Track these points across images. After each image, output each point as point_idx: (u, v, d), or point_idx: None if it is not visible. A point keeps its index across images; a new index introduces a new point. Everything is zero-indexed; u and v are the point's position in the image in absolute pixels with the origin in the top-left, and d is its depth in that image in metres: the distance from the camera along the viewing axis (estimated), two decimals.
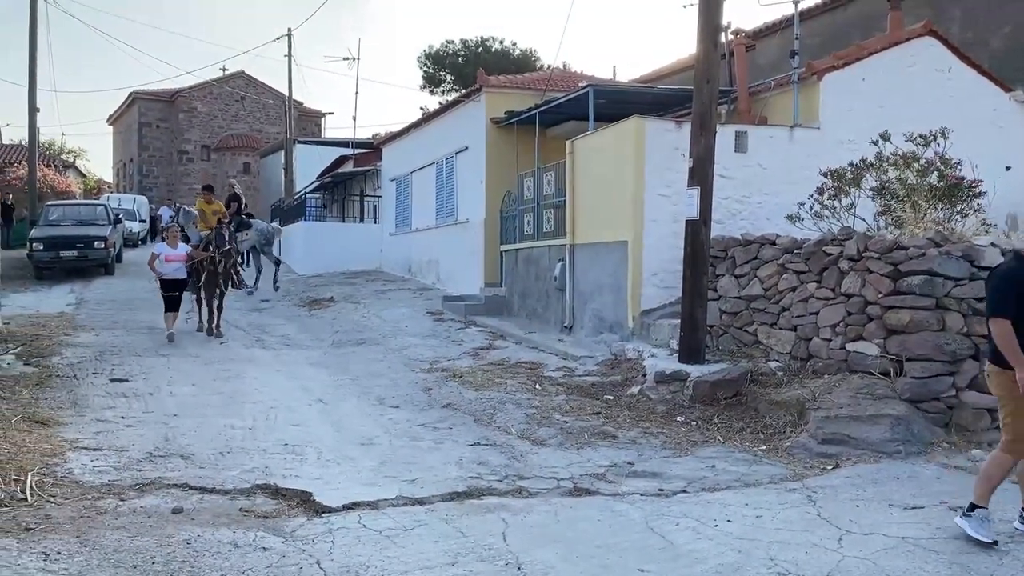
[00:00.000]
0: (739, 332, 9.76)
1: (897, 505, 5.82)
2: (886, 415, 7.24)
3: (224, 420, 8.04)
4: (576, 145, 12.65)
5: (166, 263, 12.34)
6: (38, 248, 19.76)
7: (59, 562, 4.48)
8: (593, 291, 12.13)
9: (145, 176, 49.73)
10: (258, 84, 49.05)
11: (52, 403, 8.40)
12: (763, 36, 17.54)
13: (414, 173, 20.31)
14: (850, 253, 8.20)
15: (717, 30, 9.38)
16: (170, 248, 12.59)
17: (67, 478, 5.99)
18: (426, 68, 45.40)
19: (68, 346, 11.71)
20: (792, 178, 11.02)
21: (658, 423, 8.16)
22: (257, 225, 18.44)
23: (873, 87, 11.99)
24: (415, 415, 8.55)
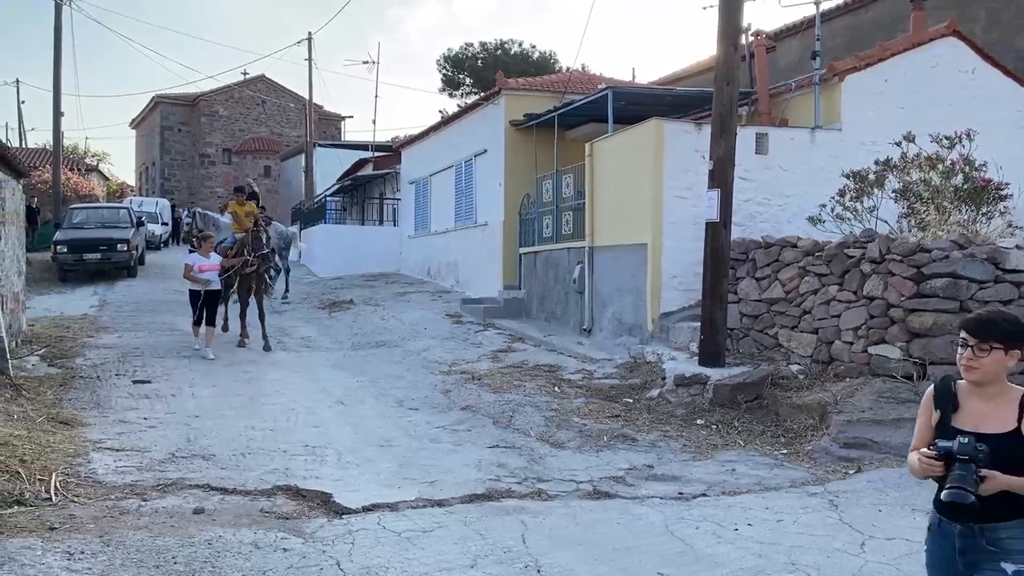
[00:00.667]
0: (760, 335, 9.70)
1: (920, 510, 5.74)
2: (909, 419, 7.11)
3: (245, 421, 8.09)
4: (595, 147, 12.63)
5: (200, 273, 11.71)
6: (62, 251, 19.97)
7: (82, 561, 4.52)
8: (612, 294, 12.10)
9: (167, 179, 50.11)
10: (279, 88, 49.31)
11: (76, 404, 8.48)
12: (784, 37, 17.41)
13: (433, 176, 20.36)
14: (872, 255, 8.14)
15: (737, 31, 9.34)
16: (203, 258, 11.90)
17: (90, 478, 6.04)
18: (445, 71, 45.52)
19: (91, 348, 11.82)
20: (813, 180, 10.94)
21: (678, 426, 8.13)
22: (276, 228, 17.91)
23: (896, 88, 11.88)
24: (434, 417, 8.56)
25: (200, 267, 11.75)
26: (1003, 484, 2.63)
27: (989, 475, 2.62)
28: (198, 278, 11.62)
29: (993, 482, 2.62)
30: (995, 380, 2.78)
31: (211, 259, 11.95)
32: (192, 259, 12.01)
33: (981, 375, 2.76)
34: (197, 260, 11.88)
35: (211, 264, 11.87)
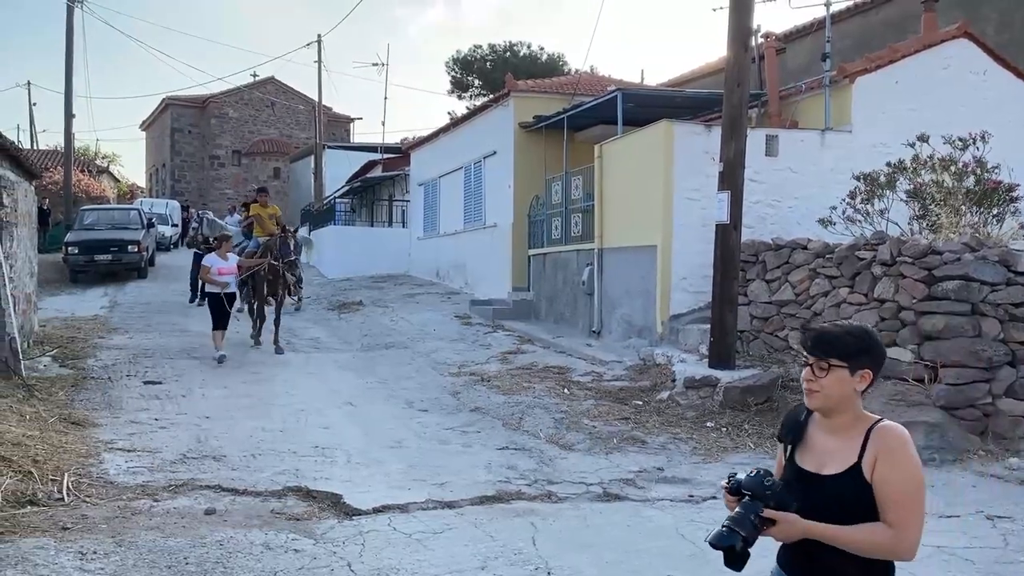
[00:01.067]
0: (770, 337, 9.68)
1: (932, 514, 5.71)
2: (920, 422, 7.13)
3: (255, 422, 8.12)
4: (605, 149, 12.63)
5: (219, 276, 11.41)
6: (73, 252, 20.05)
7: (95, 561, 4.54)
8: (621, 295, 12.09)
9: (177, 181, 50.29)
10: (288, 90, 49.45)
11: (87, 404, 8.53)
12: (794, 39, 17.40)
13: (442, 178, 20.39)
14: (883, 258, 8.11)
15: (748, 33, 9.33)
16: (220, 260, 11.59)
17: (102, 478, 6.08)
18: (454, 73, 45.56)
19: (102, 348, 11.88)
20: (823, 182, 10.92)
21: (688, 429, 8.11)
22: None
23: (906, 90, 11.84)
24: (443, 419, 8.57)
25: (219, 269, 11.45)
26: (803, 531, 2.20)
27: (777, 517, 2.18)
28: (216, 280, 11.36)
29: (787, 527, 2.19)
30: (842, 408, 2.27)
31: (229, 261, 11.67)
32: (210, 260, 11.70)
33: (822, 400, 2.28)
34: (215, 262, 11.55)
35: (229, 267, 11.59)
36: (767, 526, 2.20)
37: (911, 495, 2.14)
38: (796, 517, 2.20)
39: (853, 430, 2.27)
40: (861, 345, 2.26)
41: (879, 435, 2.22)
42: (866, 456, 2.20)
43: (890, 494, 2.15)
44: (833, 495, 2.21)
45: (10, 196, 10.28)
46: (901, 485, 2.14)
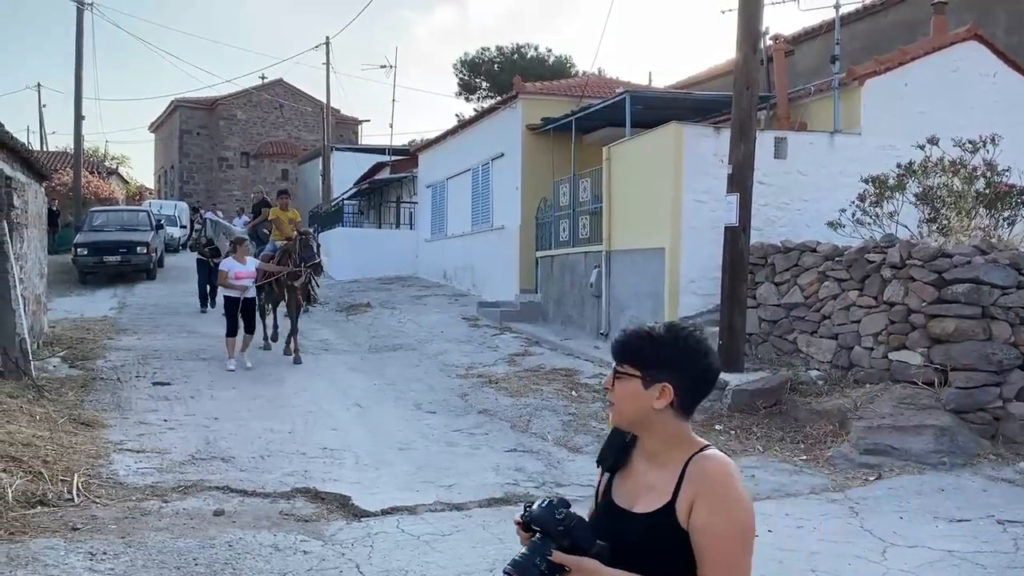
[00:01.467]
0: (779, 340, 9.65)
1: (942, 518, 5.71)
2: (930, 426, 7.11)
3: (263, 424, 8.13)
4: (613, 151, 12.62)
5: (236, 280, 11.06)
6: (82, 253, 20.10)
7: (105, 562, 4.56)
8: (629, 298, 12.08)
9: (186, 182, 50.45)
10: (296, 92, 49.56)
11: (97, 405, 8.55)
12: (803, 41, 17.34)
13: (450, 180, 20.40)
14: (893, 261, 8.08)
15: (757, 35, 9.31)
16: (238, 264, 11.21)
17: (112, 479, 6.10)
18: (462, 75, 45.61)
19: (111, 349, 11.91)
20: (832, 184, 10.90)
21: (696, 432, 8.06)
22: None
23: (916, 92, 11.81)
24: (451, 420, 8.57)
25: (236, 274, 11.08)
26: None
27: (569, 563, 1.74)
28: (234, 284, 11.02)
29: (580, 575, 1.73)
30: (644, 428, 1.83)
31: (247, 265, 11.30)
32: (228, 264, 11.33)
33: (617, 416, 1.86)
34: (233, 266, 11.19)
35: (247, 271, 11.22)
36: (560, 573, 1.75)
37: (731, 550, 1.67)
38: (596, 565, 1.75)
39: (670, 460, 1.81)
40: (661, 353, 1.80)
41: (697, 468, 1.77)
42: (681, 495, 1.75)
43: (705, 545, 1.69)
44: (644, 538, 1.77)
45: (20, 197, 10.33)
46: (720, 535, 1.67)
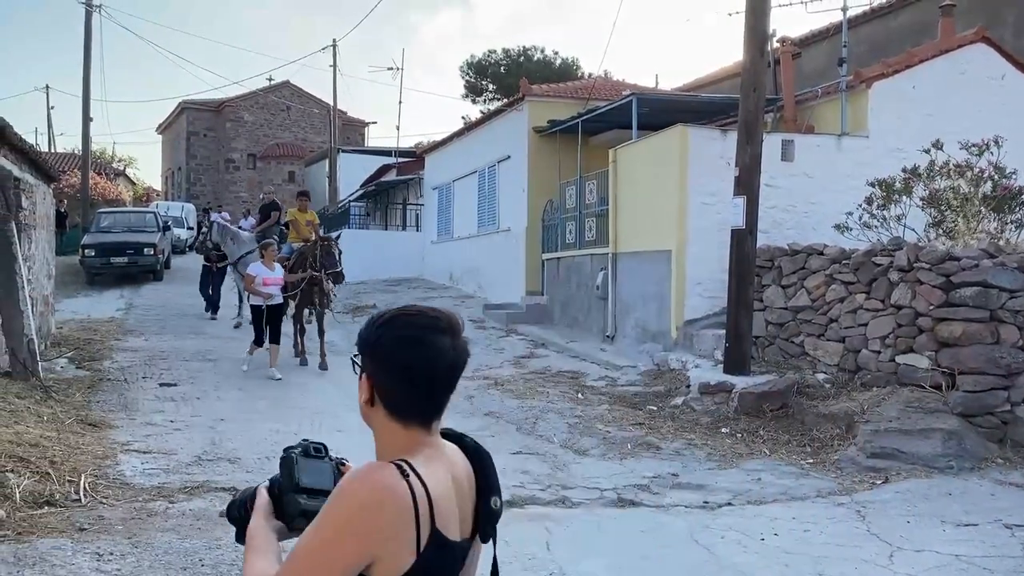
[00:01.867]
0: (785, 343, 9.63)
1: (950, 522, 5.69)
2: (937, 429, 7.09)
3: (270, 425, 8.13)
4: (619, 154, 12.62)
5: (264, 287, 10.47)
6: (90, 254, 20.16)
7: (112, 562, 4.57)
8: (636, 300, 12.07)
9: (193, 184, 50.57)
10: (303, 94, 49.66)
11: (104, 406, 8.57)
12: (810, 44, 17.30)
13: (456, 182, 20.42)
14: (900, 264, 8.06)
15: (764, 37, 9.30)
16: (266, 269, 10.58)
17: (119, 480, 6.10)
18: (468, 77, 45.66)
19: (118, 350, 11.94)
20: (840, 187, 10.87)
21: (702, 434, 8.08)
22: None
23: (923, 95, 11.78)
24: (457, 422, 8.38)
25: (264, 280, 10.50)
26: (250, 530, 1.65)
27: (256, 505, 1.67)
28: (261, 291, 10.46)
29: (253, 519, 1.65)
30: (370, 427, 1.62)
31: (275, 271, 10.68)
32: (255, 270, 10.69)
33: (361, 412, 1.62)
34: (261, 271, 10.58)
35: (275, 277, 10.63)
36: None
37: (300, 554, 1.46)
38: (264, 513, 1.66)
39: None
40: (364, 338, 1.60)
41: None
42: None
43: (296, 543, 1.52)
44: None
45: (28, 199, 10.36)
46: (303, 537, 1.50)
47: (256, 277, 10.56)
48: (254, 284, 10.52)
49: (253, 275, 10.62)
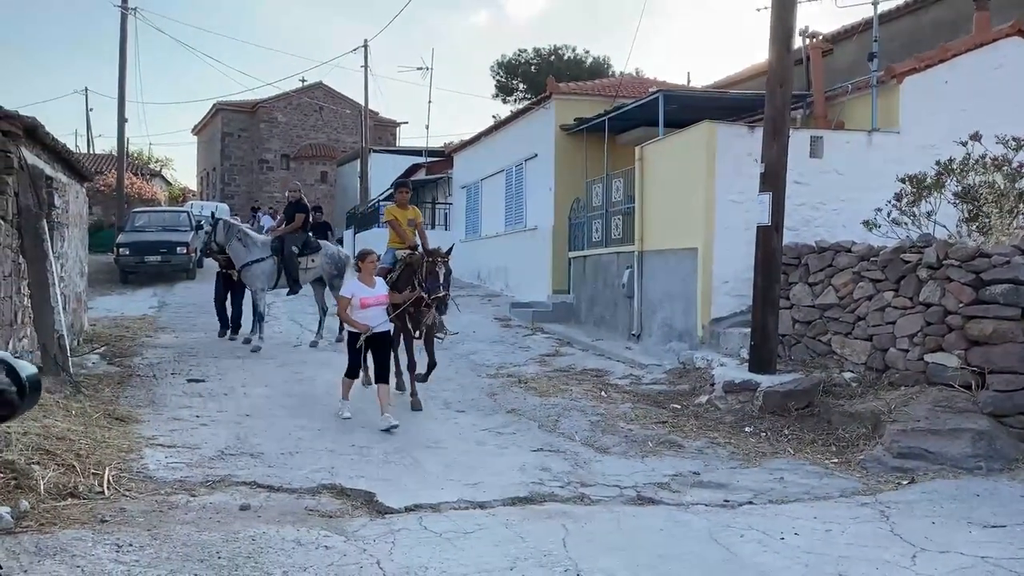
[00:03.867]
0: (812, 342, 9.50)
1: (976, 523, 5.57)
2: (966, 429, 6.95)
3: (295, 421, 8.19)
4: (645, 151, 12.54)
5: (362, 310, 8.13)
6: (124, 253, 20.53)
7: (130, 553, 4.62)
8: (662, 299, 11.98)
9: (227, 184, 51.21)
10: (336, 95, 50.07)
11: (132, 401, 8.69)
12: (842, 39, 17.05)
13: (484, 180, 20.44)
14: (929, 261, 7.91)
15: (790, 33, 9.18)
16: (364, 286, 8.20)
17: (142, 473, 6.18)
18: (499, 77, 45.74)
19: (149, 347, 12.11)
20: (870, 184, 10.69)
21: (726, 433, 8.00)
22: (327, 250, 13.08)
23: (957, 90, 11.56)
24: (480, 420, 8.57)
25: (363, 300, 8.12)
26: None
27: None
28: (357, 322, 8.08)
29: None
30: None
31: (376, 289, 8.29)
32: (352, 288, 8.29)
33: None
34: (357, 289, 8.19)
35: (376, 297, 8.21)
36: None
37: None
38: None
39: None
40: None
41: None
42: None
43: None
44: None
45: (61, 198, 10.55)
46: None
47: (352, 298, 8.11)
48: (348, 310, 8.14)
49: (347, 296, 8.19)
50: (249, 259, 12.14)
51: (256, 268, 12.17)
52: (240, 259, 12.19)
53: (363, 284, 8.22)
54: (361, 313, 8.08)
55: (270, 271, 12.28)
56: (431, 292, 8.46)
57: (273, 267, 12.28)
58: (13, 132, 8.32)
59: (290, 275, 12.39)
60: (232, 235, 12.22)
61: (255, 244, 12.29)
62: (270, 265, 12.26)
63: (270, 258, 12.26)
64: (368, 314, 8.10)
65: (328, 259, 12.87)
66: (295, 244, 12.43)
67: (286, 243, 12.31)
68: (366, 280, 8.23)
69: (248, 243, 12.24)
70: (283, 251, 12.26)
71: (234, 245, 12.19)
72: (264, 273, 12.24)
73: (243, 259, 12.16)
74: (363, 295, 8.12)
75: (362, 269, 8.26)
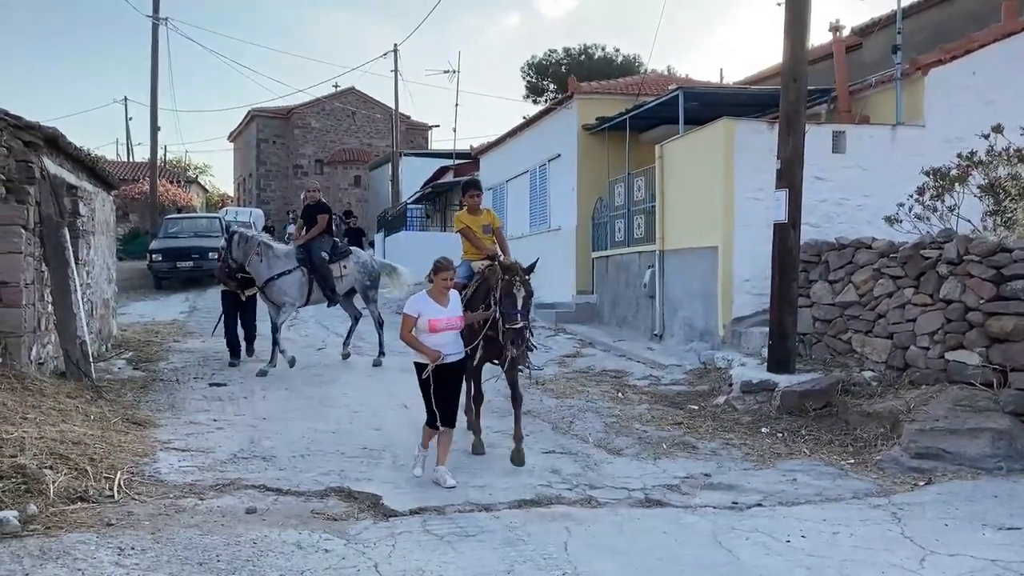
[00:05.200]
0: (833, 340, 9.35)
1: (991, 525, 5.43)
2: (987, 429, 6.78)
3: (309, 423, 8.25)
4: (665, 149, 12.44)
5: (431, 334, 6.41)
6: (157, 259, 20.91)
7: (131, 557, 4.68)
8: (683, 298, 11.88)
9: (263, 190, 51.83)
10: (368, 99, 50.43)
11: (152, 405, 8.82)
12: (870, 33, 16.76)
13: (509, 182, 20.44)
14: (949, 257, 7.74)
15: (804, 26, 9.03)
16: (436, 304, 6.48)
17: (153, 477, 6.26)
18: (529, 78, 45.70)
19: (175, 352, 12.29)
20: (894, 179, 10.49)
21: (742, 434, 7.90)
22: (359, 257, 11.96)
23: (983, 82, 11.31)
24: (493, 421, 8.53)
25: (432, 322, 6.38)
26: None
27: None
28: (425, 347, 6.36)
29: None
30: None
31: (449, 308, 6.51)
32: (418, 305, 6.45)
33: None
34: (426, 308, 6.42)
35: (449, 318, 6.47)
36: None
37: None
38: None
39: None
40: None
41: None
42: None
43: None
44: None
45: (87, 206, 10.75)
46: None
47: (417, 318, 6.39)
48: (412, 333, 6.42)
49: (412, 316, 6.41)
50: (272, 273, 10.75)
51: (283, 282, 10.79)
52: (261, 275, 10.76)
53: (433, 301, 6.47)
54: (430, 337, 6.39)
55: (300, 284, 10.96)
56: (507, 321, 6.64)
57: (303, 279, 10.97)
58: (34, 143, 8.50)
59: (325, 285, 11.12)
60: (250, 250, 10.75)
61: (277, 256, 10.90)
62: (298, 277, 10.93)
63: (297, 269, 10.93)
64: (439, 339, 6.40)
65: (360, 267, 11.77)
66: (323, 250, 11.17)
67: (313, 251, 11.02)
68: (437, 297, 6.50)
69: (268, 256, 10.82)
70: (311, 260, 11.01)
71: (253, 262, 10.71)
72: (293, 287, 10.90)
73: (265, 274, 10.74)
74: (433, 315, 6.41)
75: (434, 283, 6.55)
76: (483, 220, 8.01)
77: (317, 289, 11.14)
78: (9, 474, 5.49)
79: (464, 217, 8.01)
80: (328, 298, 11.31)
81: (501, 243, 7.93)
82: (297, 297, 11.00)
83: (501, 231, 8.17)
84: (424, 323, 6.39)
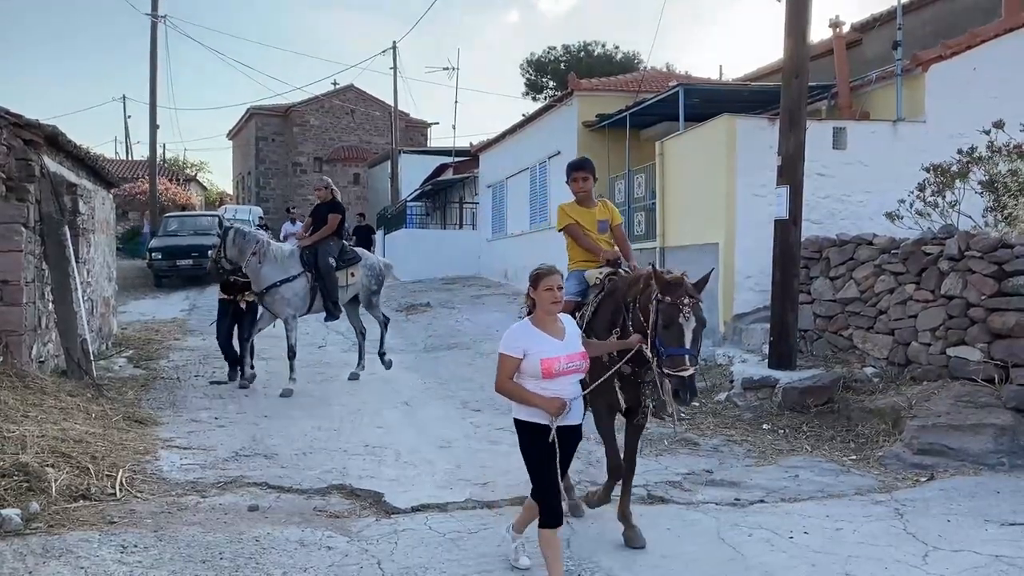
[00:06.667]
0: (834, 336, 9.34)
1: (994, 521, 5.43)
2: (989, 425, 6.77)
3: (311, 422, 8.24)
4: (666, 146, 12.43)
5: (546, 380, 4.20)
6: (156, 257, 20.91)
7: (134, 554, 4.68)
8: None
9: (262, 188, 51.78)
10: (367, 97, 50.37)
11: (153, 404, 8.82)
12: (871, 28, 16.73)
13: (509, 179, 20.43)
14: (951, 252, 7.73)
15: (805, 23, 9.01)
16: (547, 335, 4.30)
17: (155, 475, 6.26)
18: (528, 75, 45.67)
19: (176, 350, 12.29)
20: (896, 175, 10.48)
21: (743, 431, 7.89)
22: (367, 260, 10.70)
23: (986, 77, 11.28)
24: (496, 419, 8.53)
25: (546, 364, 4.19)
26: None
27: None
28: (542, 399, 4.18)
29: None
30: None
31: (567, 340, 4.37)
32: (519, 340, 4.28)
33: None
34: (531, 341, 4.27)
35: (570, 355, 4.30)
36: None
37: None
38: None
39: None
40: None
41: None
42: None
43: None
44: None
45: (87, 204, 10.74)
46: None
47: (522, 359, 4.24)
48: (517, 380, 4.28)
49: (515, 356, 4.24)
50: (274, 279, 9.45)
51: (284, 290, 9.49)
52: (262, 279, 9.44)
53: (541, 331, 4.31)
54: (546, 385, 4.22)
55: (302, 293, 9.64)
56: (670, 365, 4.47)
57: (306, 287, 9.68)
58: (35, 141, 8.49)
59: (328, 296, 9.79)
60: (247, 248, 9.46)
61: (277, 258, 9.59)
62: (301, 285, 9.62)
63: (301, 275, 9.64)
64: (554, 386, 4.23)
65: (368, 271, 10.52)
66: (331, 255, 9.82)
67: (320, 255, 9.72)
68: (545, 324, 4.35)
69: (268, 258, 9.51)
70: (317, 265, 9.71)
71: (251, 263, 9.44)
72: (295, 296, 9.60)
73: (266, 279, 9.43)
74: (547, 353, 4.23)
75: (538, 302, 4.38)
76: (598, 214, 5.94)
77: (319, 298, 9.91)
78: (11, 472, 5.48)
79: (571, 209, 5.92)
80: (328, 312, 10.00)
81: (622, 246, 5.94)
82: (296, 308, 9.71)
83: (622, 228, 6.14)
84: (534, 365, 4.19)
